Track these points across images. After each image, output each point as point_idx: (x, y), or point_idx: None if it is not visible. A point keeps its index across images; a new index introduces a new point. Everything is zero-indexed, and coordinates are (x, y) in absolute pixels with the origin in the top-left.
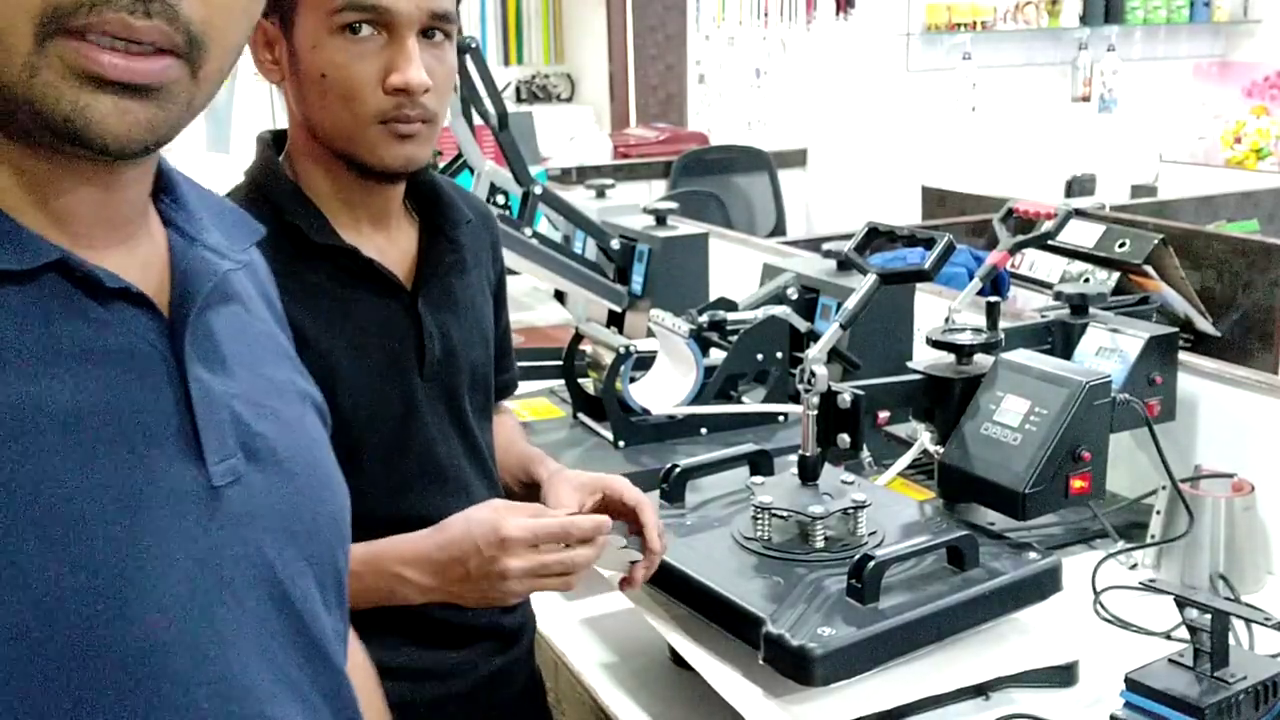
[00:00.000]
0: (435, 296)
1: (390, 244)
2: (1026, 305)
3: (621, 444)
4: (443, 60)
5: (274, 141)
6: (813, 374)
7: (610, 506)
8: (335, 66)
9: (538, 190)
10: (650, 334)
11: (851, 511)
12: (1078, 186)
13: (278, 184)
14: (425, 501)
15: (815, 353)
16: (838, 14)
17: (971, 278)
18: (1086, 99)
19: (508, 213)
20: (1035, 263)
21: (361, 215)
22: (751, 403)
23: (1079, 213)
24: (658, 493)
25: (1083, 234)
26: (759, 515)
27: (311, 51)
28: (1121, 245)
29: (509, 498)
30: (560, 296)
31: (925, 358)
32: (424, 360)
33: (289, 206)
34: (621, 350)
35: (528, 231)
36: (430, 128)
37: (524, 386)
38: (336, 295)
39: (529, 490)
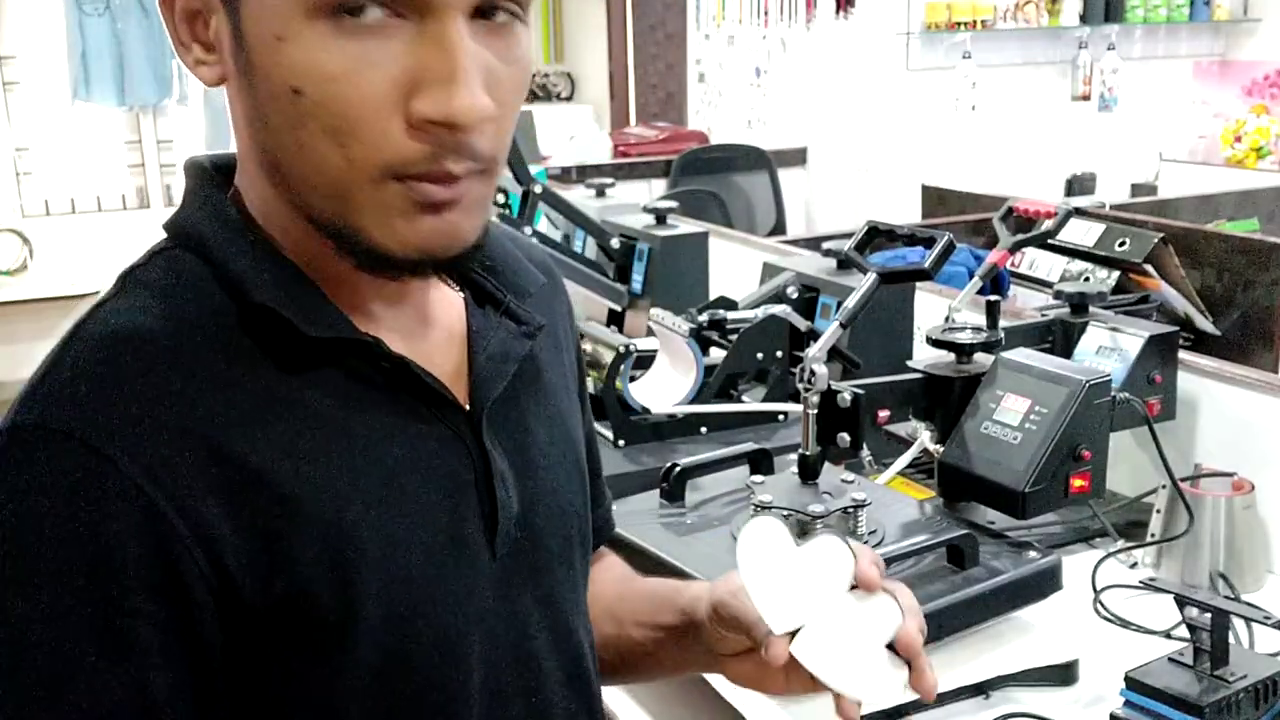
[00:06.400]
0: (505, 415)
1: (421, 329)
2: (1027, 304)
3: (621, 443)
4: (513, 58)
5: (216, 175)
6: (812, 373)
7: None
8: (319, 77)
9: (537, 189)
10: (650, 333)
11: (851, 510)
12: (1078, 185)
13: (233, 246)
14: None
15: (815, 351)
16: (837, 13)
17: (971, 277)
18: (1086, 98)
19: (508, 212)
20: (1035, 261)
21: (366, 292)
22: (751, 402)
23: (1079, 211)
24: (657, 491)
25: (1083, 233)
26: (759, 514)
27: (276, 46)
28: (1121, 244)
29: (630, 651)
30: None
31: (925, 357)
32: (496, 526)
33: (258, 281)
34: (621, 349)
35: (528, 230)
36: (485, 181)
37: None
38: (346, 425)
39: (664, 635)
